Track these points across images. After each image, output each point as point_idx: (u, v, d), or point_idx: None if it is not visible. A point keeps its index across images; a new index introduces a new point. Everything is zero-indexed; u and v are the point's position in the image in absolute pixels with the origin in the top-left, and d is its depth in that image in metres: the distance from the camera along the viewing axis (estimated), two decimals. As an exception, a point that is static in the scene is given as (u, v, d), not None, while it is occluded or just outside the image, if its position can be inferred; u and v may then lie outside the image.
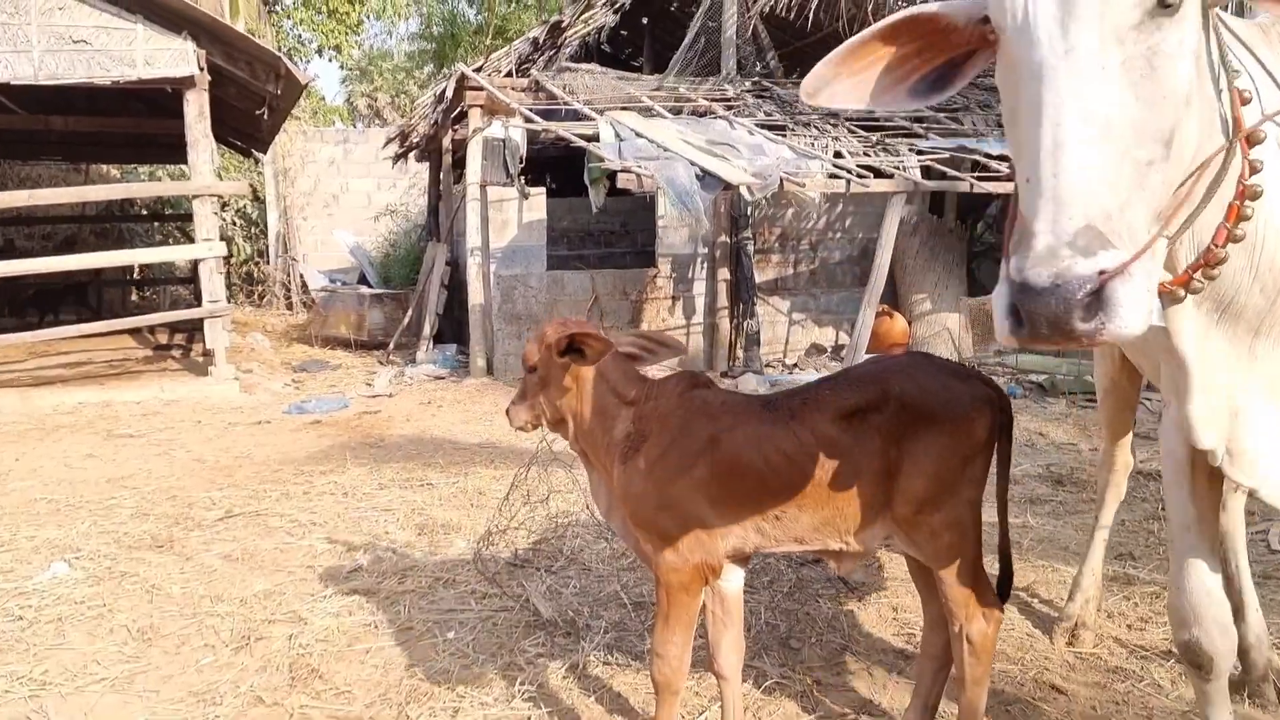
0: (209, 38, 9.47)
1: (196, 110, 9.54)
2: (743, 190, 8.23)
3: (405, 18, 21.90)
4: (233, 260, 18.19)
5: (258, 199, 19.54)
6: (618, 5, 12.65)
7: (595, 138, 8.94)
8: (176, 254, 12.23)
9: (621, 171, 8.19)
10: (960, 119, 10.89)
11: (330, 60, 22.24)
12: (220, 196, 11.58)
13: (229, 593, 4.47)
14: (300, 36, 21.91)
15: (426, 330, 12.04)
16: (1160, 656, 3.69)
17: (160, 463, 7.00)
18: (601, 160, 8.46)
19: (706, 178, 8.10)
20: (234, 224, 19.21)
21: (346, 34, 21.81)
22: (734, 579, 2.94)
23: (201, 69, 9.41)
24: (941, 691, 3.05)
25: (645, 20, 14.26)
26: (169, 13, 9.24)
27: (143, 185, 16.03)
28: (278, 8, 21.57)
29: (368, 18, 22.79)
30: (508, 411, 3.04)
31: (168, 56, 9.30)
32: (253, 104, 10.67)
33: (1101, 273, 1.42)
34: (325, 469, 6.72)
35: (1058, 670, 3.61)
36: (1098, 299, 1.42)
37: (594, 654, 3.73)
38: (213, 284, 9.79)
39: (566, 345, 2.82)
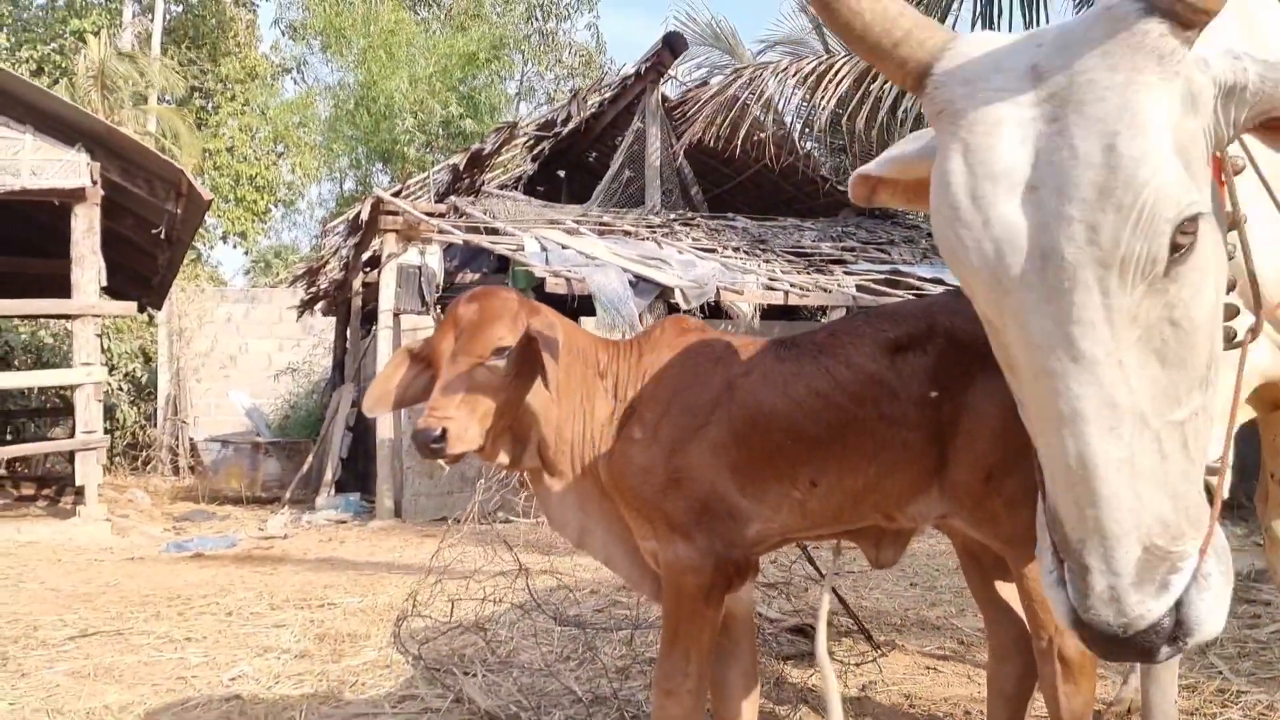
0: (105, 151, 8.87)
1: (85, 225, 8.82)
2: (678, 296, 7.81)
3: (316, 180, 21.63)
4: (117, 432, 16.80)
5: (147, 360, 18.41)
6: (536, 152, 12.56)
7: (520, 250, 8.49)
8: (51, 379, 11.11)
9: (550, 276, 7.70)
10: (887, 251, 10.84)
11: (235, 247, 21.74)
12: (103, 318, 10.64)
13: (70, 706, 3.49)
14: (206, 222, 21.37)
15: (328, 476, 11.06)
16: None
17: (3, 593, 5.88)
18: (528, 267, 7.98)
19: (640, 283, 7.67)
20: (120, 389, 17.92)
21: (253, 221, 21.34)
22: (744, 591, 2.24)
23: (94, 182, 8.76)
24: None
25: (561, 173, 14.22)
26: (62, 123, 8.68)
27: (14, 302, 14.50)
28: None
29: (276, 206, 22.44)
30: (444, 430, 1.97)
31: (57, 167, 8.66)
32: (150, 228, 9.99)
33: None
34: (207, 594, 5.71)
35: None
36: (1179, 624, 1.22)
37: (551, 748, 2.90)
38: (89, 413, 8.79)
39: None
